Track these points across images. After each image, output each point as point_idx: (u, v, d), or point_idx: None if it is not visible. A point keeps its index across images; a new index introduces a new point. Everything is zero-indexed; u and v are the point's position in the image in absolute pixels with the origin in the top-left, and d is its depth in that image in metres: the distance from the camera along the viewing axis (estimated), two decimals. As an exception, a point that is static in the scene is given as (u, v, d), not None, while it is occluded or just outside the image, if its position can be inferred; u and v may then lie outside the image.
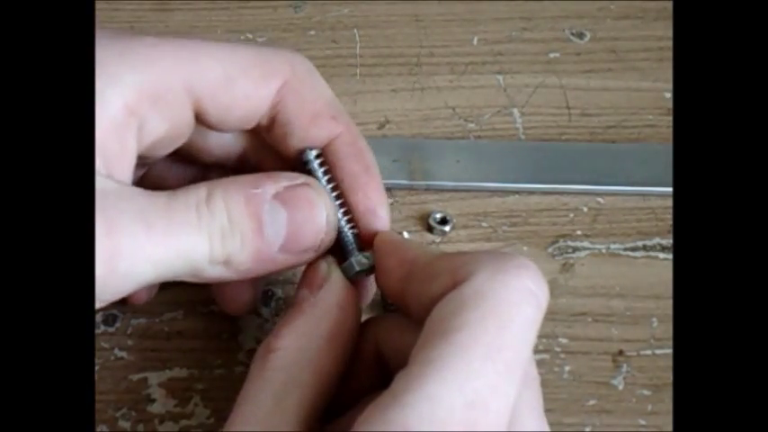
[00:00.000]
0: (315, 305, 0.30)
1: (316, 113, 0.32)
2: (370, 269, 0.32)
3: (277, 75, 0.32)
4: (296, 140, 0.32)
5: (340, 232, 0.33)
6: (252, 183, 0.30)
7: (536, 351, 0.37)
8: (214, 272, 0.30)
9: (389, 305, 0.36)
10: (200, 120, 0.31)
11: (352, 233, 0.33)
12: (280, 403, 0.28)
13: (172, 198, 0.29)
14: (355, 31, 0.51)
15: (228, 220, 0.29)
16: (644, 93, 0.49)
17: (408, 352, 0.26)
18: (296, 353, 0.29)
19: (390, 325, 0.31)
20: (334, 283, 0.31)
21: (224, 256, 0.29)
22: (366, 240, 0.33)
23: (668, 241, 0.42)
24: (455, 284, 0.27)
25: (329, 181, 0.33)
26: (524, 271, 0.27)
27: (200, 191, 0.29)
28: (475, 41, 0.51)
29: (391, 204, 0.43)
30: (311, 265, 0.32)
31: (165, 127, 0.30)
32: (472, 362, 0.25)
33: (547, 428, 0.27)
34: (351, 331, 0.31)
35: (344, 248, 0.33)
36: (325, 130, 0.32)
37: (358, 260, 0.32)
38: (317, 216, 0.31)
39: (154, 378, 0.36)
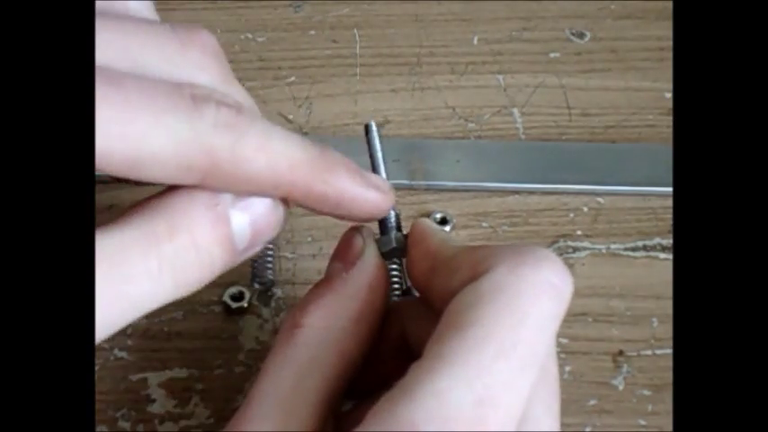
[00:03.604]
0: (346, 283, 0.30)
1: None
2: (403, 251, 0.31)
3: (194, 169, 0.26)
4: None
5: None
6: (211, 199, 0.27)
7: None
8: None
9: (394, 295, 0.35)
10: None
11: (394, 212, 0.32)
12: (300, 383, 0.27)
13: (121, 240, 0.25)
14: (355, 30, 0.51)
15: (196, 251, 0.26)
16: (644, 93, 0.49)
17: None
18: (321, 332, 0.28)
19: (417, 313, 0.31)
20: (367, 262, 0.30)
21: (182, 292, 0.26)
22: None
23: (668, 241, 0.42)
24: (474, 278, 0.26)
25: (382, 152, 0.32)
26: (545, 263, 0.26)
27: (158, 229, 0.25)
28: (475, 41, 0.51)
29: (391, 204, 0.43)
30: (346, 236, 0.31)
31: None
32: (484, 357, 0.24)
33: (559, 428, 0.27)
34: (378, 313, 0.30)
35: (384, 224, 0.32)
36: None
37: (397, 237, 0.31)
38: (276, 209, 0.28)
39: (154, 378, 0.36)
